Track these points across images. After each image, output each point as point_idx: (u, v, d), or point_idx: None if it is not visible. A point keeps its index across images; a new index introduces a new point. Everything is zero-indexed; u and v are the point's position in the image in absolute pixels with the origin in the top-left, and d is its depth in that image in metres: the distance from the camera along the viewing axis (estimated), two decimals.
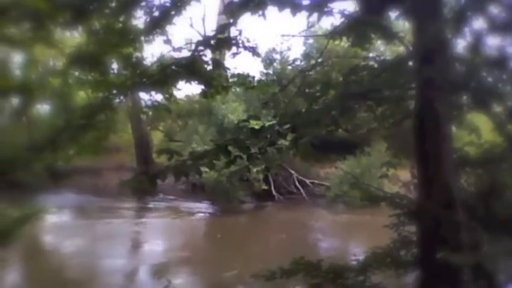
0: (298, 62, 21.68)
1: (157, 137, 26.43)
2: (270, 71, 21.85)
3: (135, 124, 23.52)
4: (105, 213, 16.13)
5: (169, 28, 6.32)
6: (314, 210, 17.73)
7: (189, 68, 5.68)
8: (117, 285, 9.46)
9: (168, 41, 6.56)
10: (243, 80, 6.73)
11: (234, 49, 5.82)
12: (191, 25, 18.62)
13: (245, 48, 5.51)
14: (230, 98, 17.44)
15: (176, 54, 6.87)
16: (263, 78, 16.94)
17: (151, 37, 6.49)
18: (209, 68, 6.21)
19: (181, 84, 7.24)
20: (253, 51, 5.65)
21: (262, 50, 20.67)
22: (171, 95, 7.17)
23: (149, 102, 9.97)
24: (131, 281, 10.02)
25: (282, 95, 21.14)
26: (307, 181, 19.66)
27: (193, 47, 6.12)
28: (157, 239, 13.75)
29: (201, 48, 5.27)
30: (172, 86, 6.65)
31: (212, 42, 4.97)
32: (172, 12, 5.78)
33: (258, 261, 10.17)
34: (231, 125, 17.38)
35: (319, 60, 22.57)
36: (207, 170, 12.48)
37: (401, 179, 16.80)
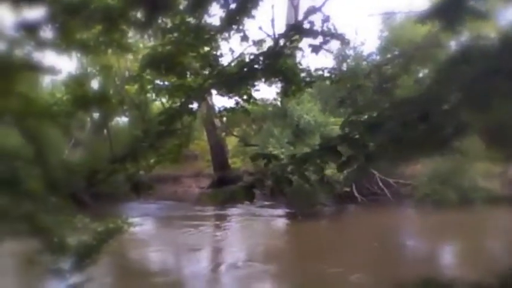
0: (373, 57, 20.69)
1: (231, 143, 26.37)
2: (344, 68, 20.98)
3: (210, 130, 23.55)
4: (186, 221, 16.06)
5: (246, 23, 5.88)
6: (401, 211, 16.67)
7: (271, 63, 5.16)
8: None
9: (245, 38, 6.09)
10: (329, 73, 6.14)
11: (319, 38, 5.25)
12: (260, 28, 18.34)
13: (332, 36, 4.90)
14: (305, 98, 16.82)
15: (255, 50, 6.40)
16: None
17: (227, 34, 6.08)
18: (292, 61, 5.69)
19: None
20: (342, 39, 5.02)
21: (335, 45, 19.91)
22: (250, 95, 6.71)
23: (223, 107, 9.50)
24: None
25: (358, 91, 20.29)
26: (391, 181, 18.56)
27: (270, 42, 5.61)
28: (241, 246, 13.41)
29: (285, 38, 4.71)
30: (251, 86, 6.19)
31: (301, 28, 4.39)
32: (249, 5, 5.31)
33: (356, 269, 9.47)
34: (307, 126, 16.76)
35: (396, 52, 21.48)
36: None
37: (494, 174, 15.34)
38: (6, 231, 5.18)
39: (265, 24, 6.20)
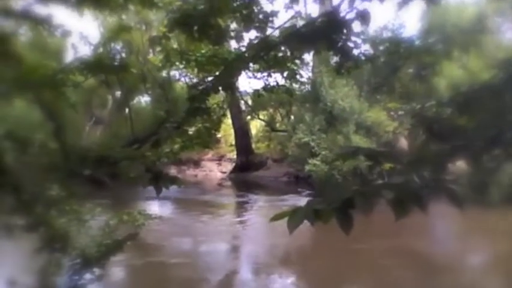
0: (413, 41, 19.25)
1: (255, 127, 25.38)
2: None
3: (235, 113, 22.53)
4: (205, 208, 15.19)
5: None
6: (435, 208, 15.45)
7: (328, 30, 4.08)
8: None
9: (294, 0, 5.04)
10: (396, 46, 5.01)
11: None
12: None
13: None
14: (340, 83, 15.59)
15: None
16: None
17: None
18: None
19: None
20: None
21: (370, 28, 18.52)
22: (295, 73, 5.65)
23: (256, 88, 8.44)
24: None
25: (396, 78, 18.94)
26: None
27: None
28: (258, 237, 12.43)
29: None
30: (299, 58, 5.13)
31: None
32: None
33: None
34: (341, 113, 15.55)
35: (438, 37, 19.89)
36: (316, 162, 10.61)
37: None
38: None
39: None
